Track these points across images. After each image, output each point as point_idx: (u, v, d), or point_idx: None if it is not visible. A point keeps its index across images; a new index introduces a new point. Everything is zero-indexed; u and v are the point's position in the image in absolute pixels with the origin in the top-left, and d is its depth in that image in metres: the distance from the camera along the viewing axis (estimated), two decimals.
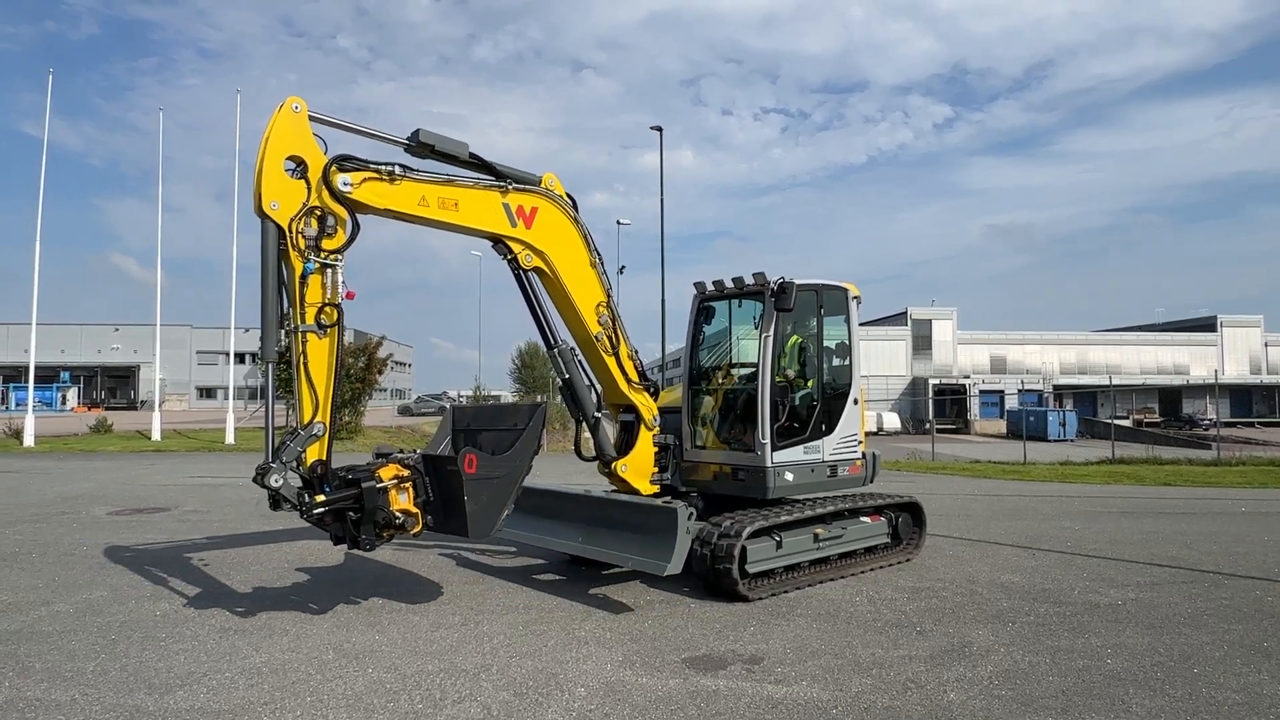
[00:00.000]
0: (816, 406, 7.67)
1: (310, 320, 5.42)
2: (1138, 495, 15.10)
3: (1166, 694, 4.59)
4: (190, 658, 5.08)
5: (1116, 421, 37.12)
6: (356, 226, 5.71)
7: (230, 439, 27.81)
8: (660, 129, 29.49)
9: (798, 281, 7.39)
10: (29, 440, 25.14)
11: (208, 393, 71.47)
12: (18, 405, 49.70)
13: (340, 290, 5.55)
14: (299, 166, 5.50)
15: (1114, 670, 4.98)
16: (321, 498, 5.27)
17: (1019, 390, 56.04)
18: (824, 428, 7.66)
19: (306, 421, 5.39)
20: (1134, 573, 7.87)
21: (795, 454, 7.41)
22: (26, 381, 28.60)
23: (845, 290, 8.07)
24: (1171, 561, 8.43)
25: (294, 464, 5.24)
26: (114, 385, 72.10)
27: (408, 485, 5.61)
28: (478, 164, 6.54)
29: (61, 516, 10.96)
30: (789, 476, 7.33)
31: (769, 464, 7.18)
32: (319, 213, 5.49)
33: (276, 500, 5.17)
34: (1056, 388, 59.02)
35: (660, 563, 5.98)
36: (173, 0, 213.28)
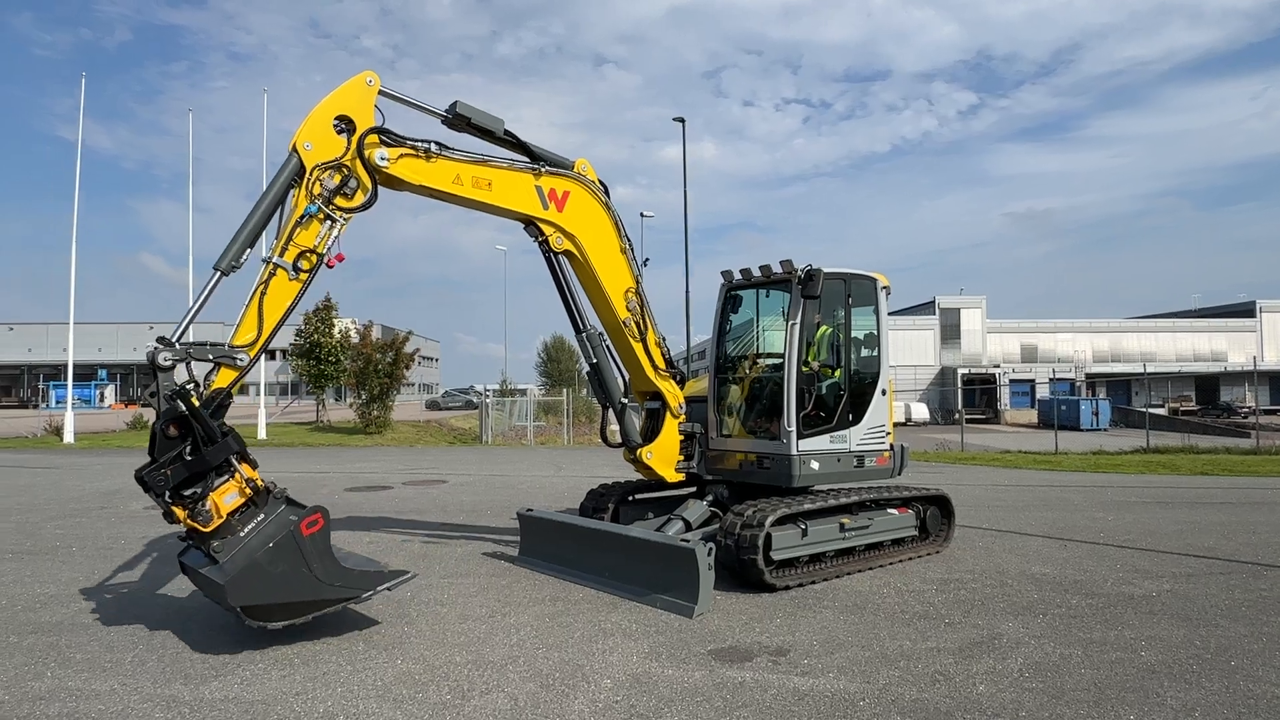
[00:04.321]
0: (844, 396, 7.60)
1: (289, 259, 5.39)
2: (1173, 485, 14.80)
3: (1202, 687, 4.50)
4: (225, 648, 5.17)
5: (1152, 410, 36.42)
6: (374, 198, 5.78)
7: (262, 434, 28.25)
8: (683, 120, 29.37)
9: (825, 270, 7.33)
10: (69, 437, 25.79)
11: (240, 388, 72.65)
12: (58, 403, 50.98)
13: (332, 249, 5.54)
14: (347, 127, 5.63)
15: (1148, 663, 4.89)
16: (194, 403, 4.84)
17: (1050, 379, 55.15)
18: (851, 418, 7.60)
19: (236, 344, 5.25)
20: (1169, 564, 7.72)
21: (821, 443, 7.36)
22: (66, 379, 29.30)
23: (874, 280, 7.98)
24: (1208, 552, 8.26)
25: (198, 360, 5.05)
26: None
27: (248, 492, 5.04)
28: (513, 142, 6.59)
29: (100, 511, 11.22)
30: (814, 465, 7.28)
31: (794, 452, 7.14)
32: (346, 171, 5.58)
33: (153, 371, 4.95)
34: (1089, 376, 57.94)
35: (689, 605, 5.95)
36: (202, 4, 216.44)
